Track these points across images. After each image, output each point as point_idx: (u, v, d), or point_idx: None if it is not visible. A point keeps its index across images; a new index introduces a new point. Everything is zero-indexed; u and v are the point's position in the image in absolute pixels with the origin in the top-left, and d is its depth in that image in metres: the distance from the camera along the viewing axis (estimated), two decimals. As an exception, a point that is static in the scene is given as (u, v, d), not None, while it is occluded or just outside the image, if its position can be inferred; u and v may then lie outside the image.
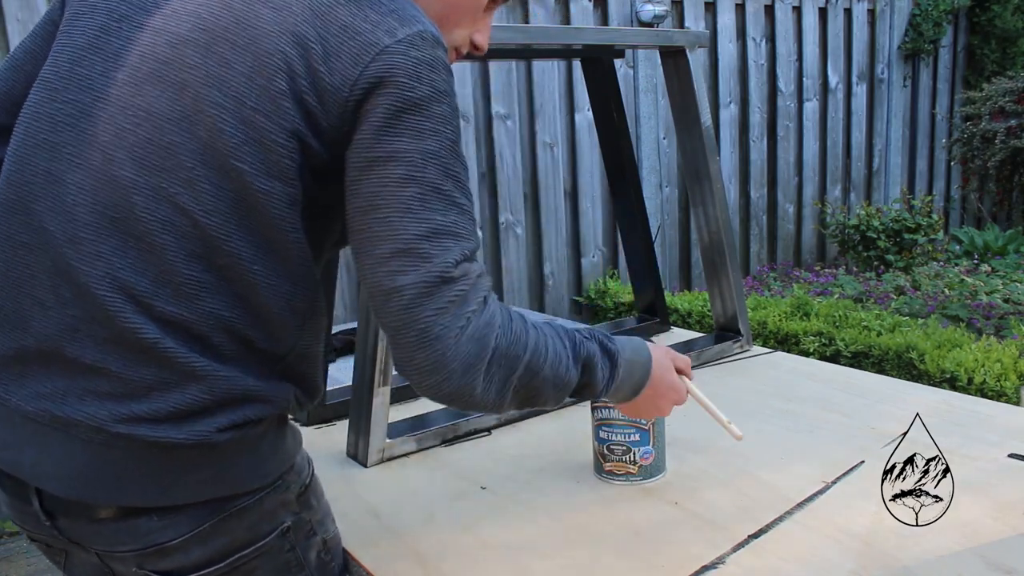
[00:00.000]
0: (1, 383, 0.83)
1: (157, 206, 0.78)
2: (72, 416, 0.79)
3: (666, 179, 4.46)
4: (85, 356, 0.79)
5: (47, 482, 0.82)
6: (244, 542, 0.87)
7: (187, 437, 0.80)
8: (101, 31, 0.84)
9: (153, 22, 0.82)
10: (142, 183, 0.78)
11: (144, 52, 0.81)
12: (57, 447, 0.80)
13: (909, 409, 1.27)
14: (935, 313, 3.46)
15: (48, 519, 0.84)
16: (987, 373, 2.49)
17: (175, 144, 0.78)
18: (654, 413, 1.09)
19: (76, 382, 0.80)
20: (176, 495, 0.83)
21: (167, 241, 0.79)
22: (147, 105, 0.79)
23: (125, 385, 0.79)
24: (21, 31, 2.75)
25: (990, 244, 5.03)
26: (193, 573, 0.85)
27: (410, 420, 1.45)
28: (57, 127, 0.83)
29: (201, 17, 0.81)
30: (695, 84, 1.70)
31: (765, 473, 1.24)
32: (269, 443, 0.89)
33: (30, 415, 0.81)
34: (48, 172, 0.82)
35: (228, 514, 0.85)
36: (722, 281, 1.84)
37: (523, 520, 1.14)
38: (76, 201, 0.80)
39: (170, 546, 0.83)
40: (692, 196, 1.82)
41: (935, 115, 5.69)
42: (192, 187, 0.78)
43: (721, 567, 1.00)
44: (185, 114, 0.78)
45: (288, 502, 0.91)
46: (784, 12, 4.79)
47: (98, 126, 0.80)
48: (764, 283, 4.48)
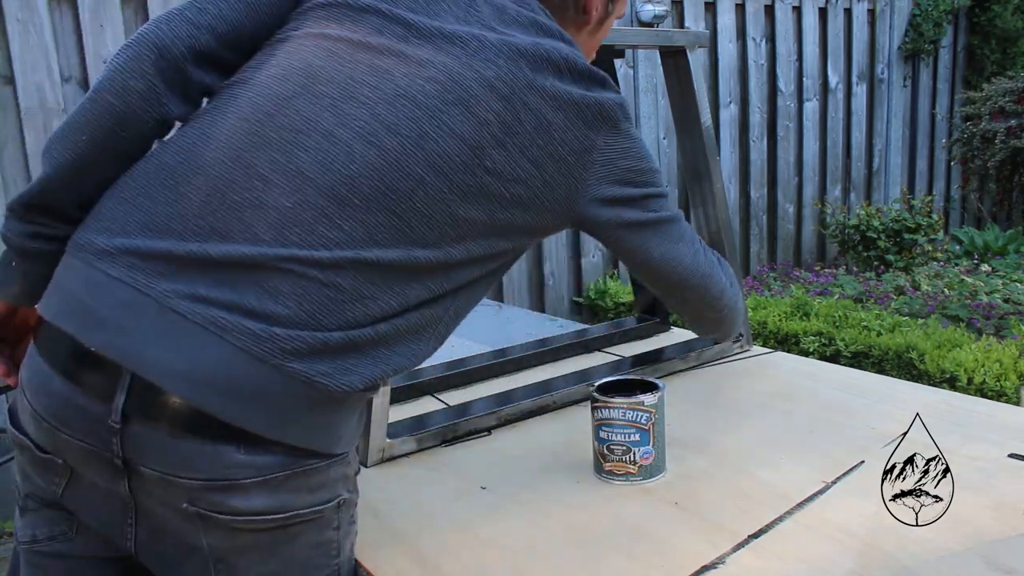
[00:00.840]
0: (148, 273, 0.83)
1: (432, 205, 0.88)
2: (241, 323, 0.81)
3: (666, 179, 4.46)
4: (283, 286, 0.83)
5: (171, 380, 0.80)
6: (305, 502, 0.87)
7: (333, 382, 0.84)
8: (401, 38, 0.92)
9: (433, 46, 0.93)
10: (430, 183, 0.88)
11: (455, 79, 0.90)
12: (201, 348, 0.80)
13: (909, 409, 1.27)
14: (935, 313, 3.46)
15: (121, 422, 0.82)
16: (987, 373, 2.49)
17: (467, 165, 0.89)
18: None
19: (254, 301, 0.82)
20: (287, 432, 0.84)
21: (424, 233, 0.88)
22: (452, 124, 0.89)
23: (309, 321, 0.83)
24: (21, 31, 2.74)
25: (990, 244, 5.03)
26: (247, 516, 0.84)
27: (410, 420, 1.45)
28: (349, 98, 0.89)
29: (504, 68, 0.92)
30: (695, 84, 1.70)
31: (765, 473, 1.24)
32: (361, 413, 0.93)
33: (179, 309, 0.81)
34: (330, 133, 0.87)
35: (302, 470, 0.85)
36: (722, 281, 1.84)
37: (523, 520, 1.14)
38: (360, 172, 0.86)
39: (239, 484, 0.82)
40: (692, 196, 1.82)
41: (935, 115, 5.69)
42: (466, 200, 0.90)
43: (721, 567, 1.00)
44: (482, 146, 0.90)
45: (348, 477, 0.93)
46: (784, 12, 4.79)
47: (400, 120, 0.88)
48: (764, 283, 4.47)
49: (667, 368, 1.72)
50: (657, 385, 1.25)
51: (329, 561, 0.92)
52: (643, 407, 1.21)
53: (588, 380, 1.58)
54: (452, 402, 1.56)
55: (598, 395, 1.24)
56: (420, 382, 1.65)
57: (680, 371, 1.74)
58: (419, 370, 1.69)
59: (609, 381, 1.28)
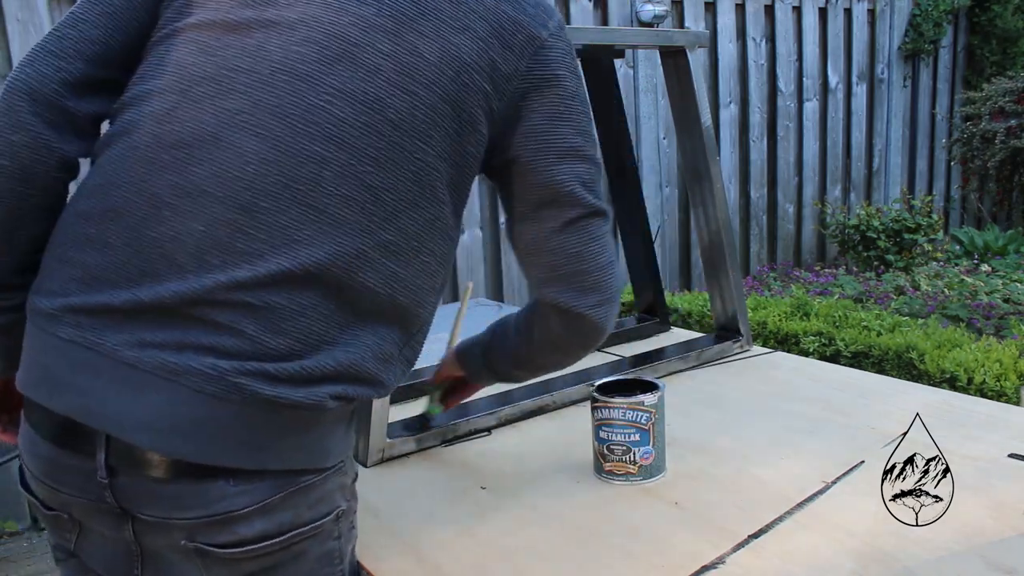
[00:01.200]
0: (95, 329, 0.80)
1: (343, 182, 0.81)
2: (188, 364, 0.77)
3: (666, 179, 4.46)
4: (219, 317, 0.79)
5: (134, 433, 0.78)
6: (305, 520, 0.85)
7: (305, 398, 0.80)
8: (266, 3, 0.84)
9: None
10: (332, 159, 0.81)
11: (331, 31, 0.83)
12: (155, 395, 0.78)
13: (909, 409, 1.27)
14: (935, 313, 3.46)
15: (108, 476, 0.81)
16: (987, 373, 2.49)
17: (368, 125, 0.82)
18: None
19: (198, 337, 0.78)
20: (267, 459, 0.81)
21: (346, 215, 0.81)
22: (340, 85, 0.82)
23: (256, 347, 0.79)
24: (21, 31, 2.74)
25: (990, 244, 5.03)
26: (247, 546, 0.82)
27: (410, 420, 1.45)
28: (227, 92, 0.81)
29: (384, 2, 0.84)
30: (695, 84, 1.70)
31: (765, 473, 1.24)
32: (348, 423, 0.90)
33: (128, 361, 0.78)
34: (216, 137, 0.80)
35: (297, 488, 0.84)
36: (722, 281, 1.84)
37: (523, 520, 1.14)
38: (257, 171, 0.80)
39: (236, 515, 0.80)
40: (692, 196, 1.82)
41: (935, 115, 5.69)
42: (379, 166, 0.82)
43: (721, 567, 1.00)
44: (379, 97, 0.82)
45: (345, 486, 0.91)
46: (784, 12, 4.79)
47: (282, 99, 0.81)
48: (764, 283, 4.47)
49: (667, 368, 1.72)
50: (657, 385, 1.25)
51: (333, 570, 0.91)
52: (643, 407, 1.21)
53: (588, 380, 1.58)
54: (452, 402, 1.56)
55: (598, 395, 1.24)
56: (420, 382, 1.65)
57: (680, 371, 1.74)
58: (419, 370, 1.69)
59: (609, 381, 1.28)
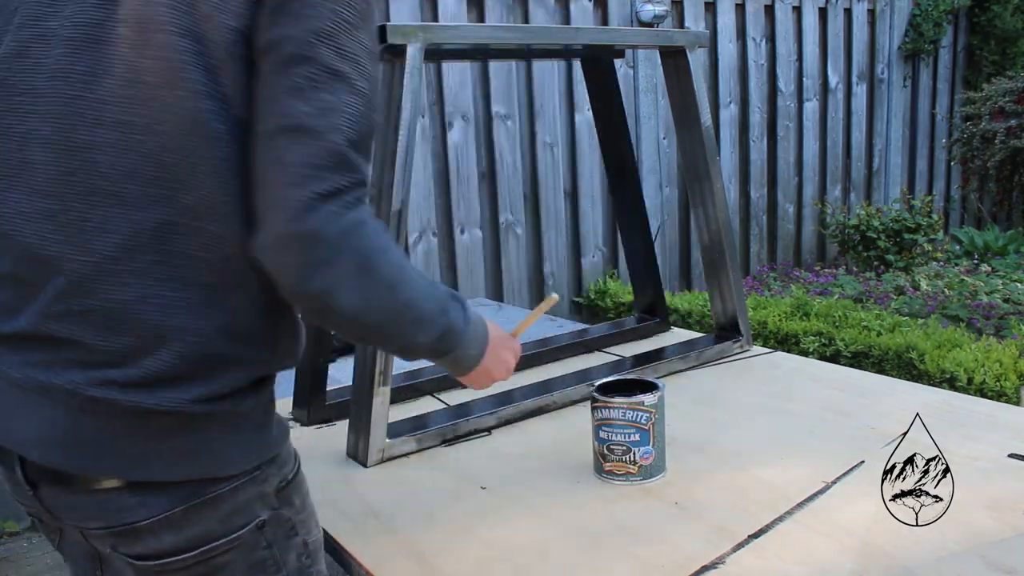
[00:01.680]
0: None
1: (120, 159, 0.77)
2: (52, 381, 0.79)
3: (666, 179, 4.46)
4: (60, 332, 0.79)
5: (28, 449, 0.81)
6: (217, 533, 0.84)
7: (159, 403, 0.79)
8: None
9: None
10: (101, 141, 0.77)
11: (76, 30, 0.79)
12: (38, 413, 0.80)
13: (909, 409, 1.27)
14: (935, 313, 3.46)
15: (31, 489, 0.84)
16: (987, 373, 2.49)
17: (126, 97, 0.77)
18: (487, 380, 1.03)
19: (57, 352, 0.80)
20: (151, 468, 0.81)
21: (131, 189, 0.77)
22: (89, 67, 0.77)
23: (98, 354, 0.79)
24: (21, 31, 2.74)
25: (990, 244, 5.03)
26: (163, 559, 0.83)
27: (410, 420, 1.45)
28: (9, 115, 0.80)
29: None
30: (695, 84, 1.70)
31: (765, 473, 1.24)
32: (253, 426, 0.87)
33: (18, 382, 0.81)
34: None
35: (202, 501, 0.83)
36: (722, 281, 1.84)
37: (523, 520, 1.14)
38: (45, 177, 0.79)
39: (141, 527, 0.81)
40: (692, 196, 1.82)
41: (935, 115, 5.69)
42: (153, 133, 0.77)
43: (721, 567, 1.00)
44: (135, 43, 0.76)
45: (265, 495, 0.88)
46: (784, 12, 4.79)
47: (51, 104, 0.79)
48: (764, 283, 4.47)
49: (667, 368, 1.72)
50: (657, 385, 1.25)
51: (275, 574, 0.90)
52: (643, 407, 1.21)
53: (588, 380, 1.58)
54: (452, 402, 1.57)
55: (598, 395, 1.24)
56: (420, 382, 1.65)
57: (680, 371, 1.74)
58: (419, 370, 1.69)
59: (609, 381, 1.28)
